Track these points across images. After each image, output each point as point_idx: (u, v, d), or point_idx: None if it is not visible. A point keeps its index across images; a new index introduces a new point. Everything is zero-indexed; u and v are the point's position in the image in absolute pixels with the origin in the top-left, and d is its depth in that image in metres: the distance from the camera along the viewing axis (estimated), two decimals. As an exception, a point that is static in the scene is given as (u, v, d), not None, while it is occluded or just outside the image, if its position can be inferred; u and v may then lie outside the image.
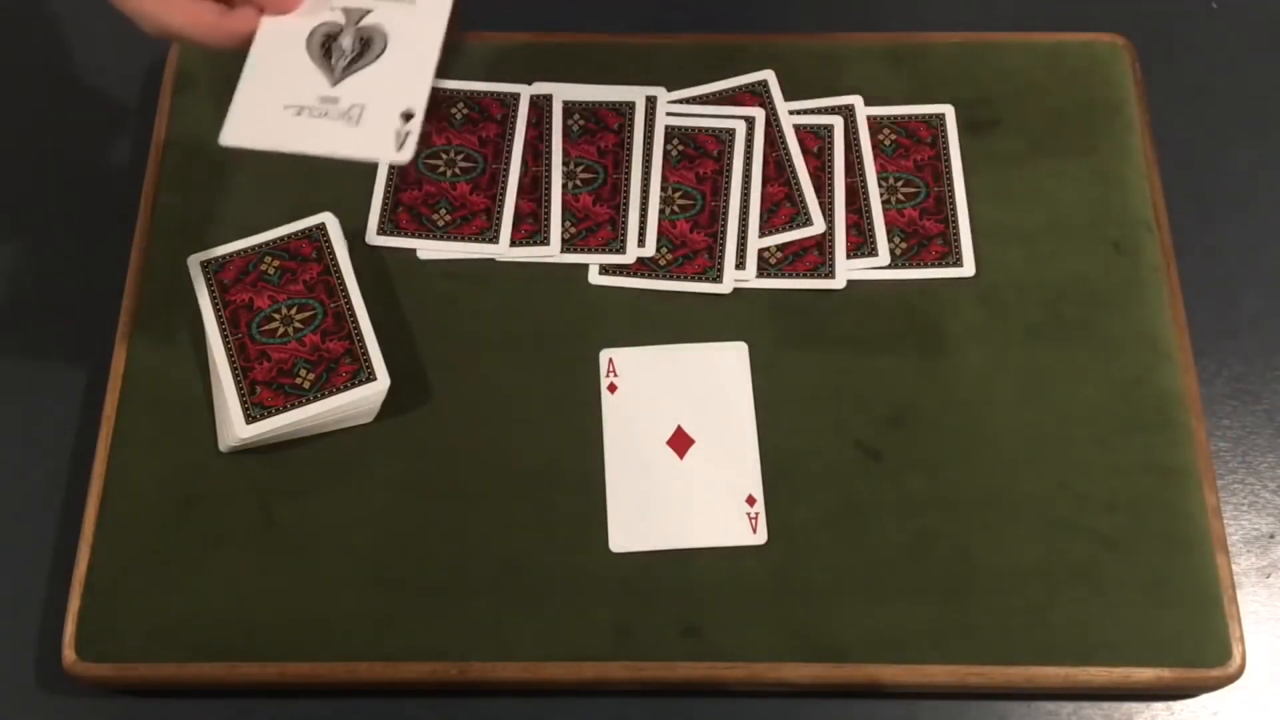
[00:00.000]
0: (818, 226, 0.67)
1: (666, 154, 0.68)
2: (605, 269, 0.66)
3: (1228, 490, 0.64)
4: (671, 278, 0.66)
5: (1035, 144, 0.69)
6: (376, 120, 0.53)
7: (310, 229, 0.65)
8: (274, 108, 0.53)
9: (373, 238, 0.66)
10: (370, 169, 0.68)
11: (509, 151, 0.68)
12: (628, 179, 0.68)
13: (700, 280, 0.66)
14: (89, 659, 0.58)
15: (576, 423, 0.62)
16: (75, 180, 0.71)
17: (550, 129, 0.69)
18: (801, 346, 0.64)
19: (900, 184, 0.68)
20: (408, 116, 0.52)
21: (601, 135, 0.69)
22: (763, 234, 0.66)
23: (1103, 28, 0.72)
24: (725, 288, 0.65)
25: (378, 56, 0.54)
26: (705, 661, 0.58)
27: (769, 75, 0.70)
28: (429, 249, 0.66)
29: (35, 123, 0.73)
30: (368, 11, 0.55)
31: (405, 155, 0.52)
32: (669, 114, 0.69)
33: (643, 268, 0.66)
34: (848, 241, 0.66)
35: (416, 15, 0.55)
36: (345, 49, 0.54)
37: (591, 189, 0.68)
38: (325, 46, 0.54)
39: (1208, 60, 0.75)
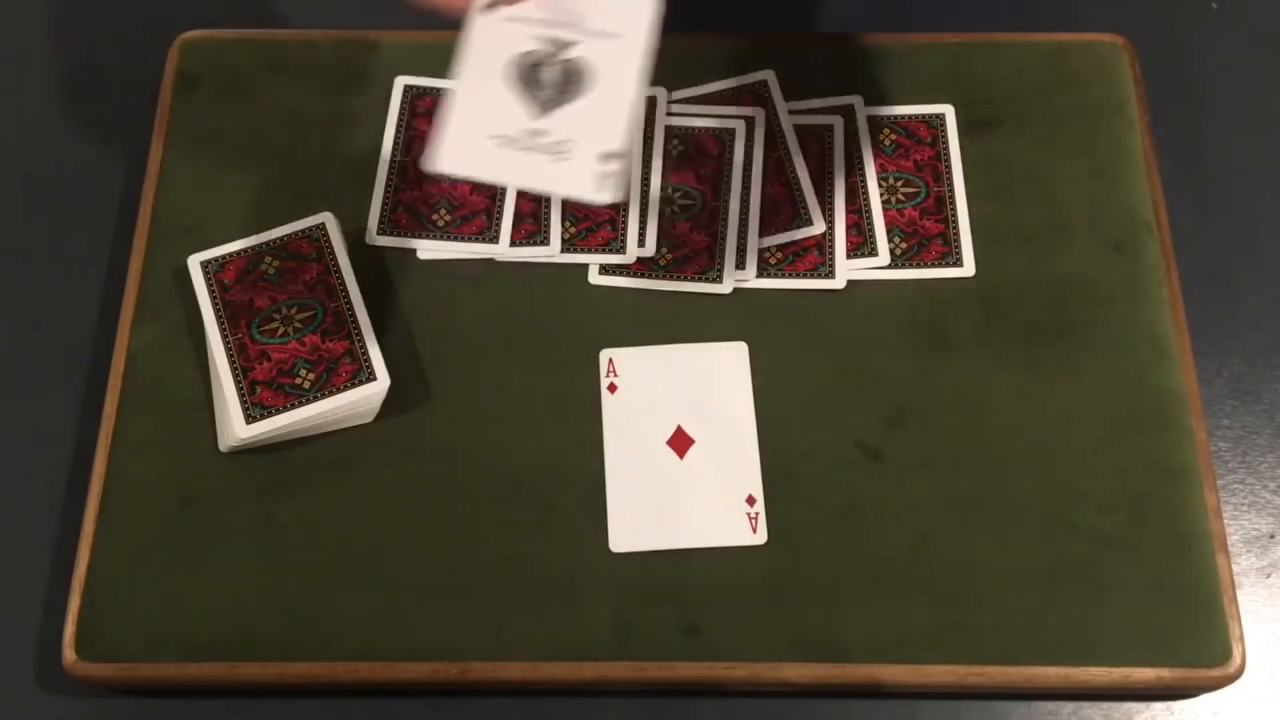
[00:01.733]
0: (818, 226, 0.67)
1: (666, 154, 0.68)
2: (605, 269, 0.66)
3: (1228, 490, 0.64)
4: (671, 278, 0.66)
5: (1035, 144, 0.69)
6: (582, 158, 0.53)
7: (310, 229, 0.65)
8: (480, 137, 0.53)
9: (373, 238, 0.66)
10: (369, 171, 0.68)
11: None
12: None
13: (700, 280, 0.66)
14: (89, 659, 0.58)
15: (576, 423, 0.62)
16: (75, 180, 0.71)
17: (550, 129, 0.69)
18: (801, 346, 0.64)
19: (900, 184, 0.68)
20: (609, 156, 0.53)
21: (602, 135, 0.69)
22: (763, 234, 0.67)
23: (1103, 28, 0.72)
24: (725, 288, 0.65)
25: (585, 91, 0.54)
26: (705, 661, 0.58)
27: (769, 75, 0.70)
28: (429, 249, 0.66)
29: (35, 122, 0.73)
30: (573, 43, 0.55)
31: (606, 197, 0.52)
32: (669, 114, 0.69)
33: (643, 268, 0.66)
34: (848, 241, 0.66)
35: (619, 49, 0.54)
36: (551, 81, 0.54)
37: (592, 189, 0.68)
38: (530, 77, 0.54)
39: (1208, 60, 0.75)
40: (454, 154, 0.54)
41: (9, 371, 0.66)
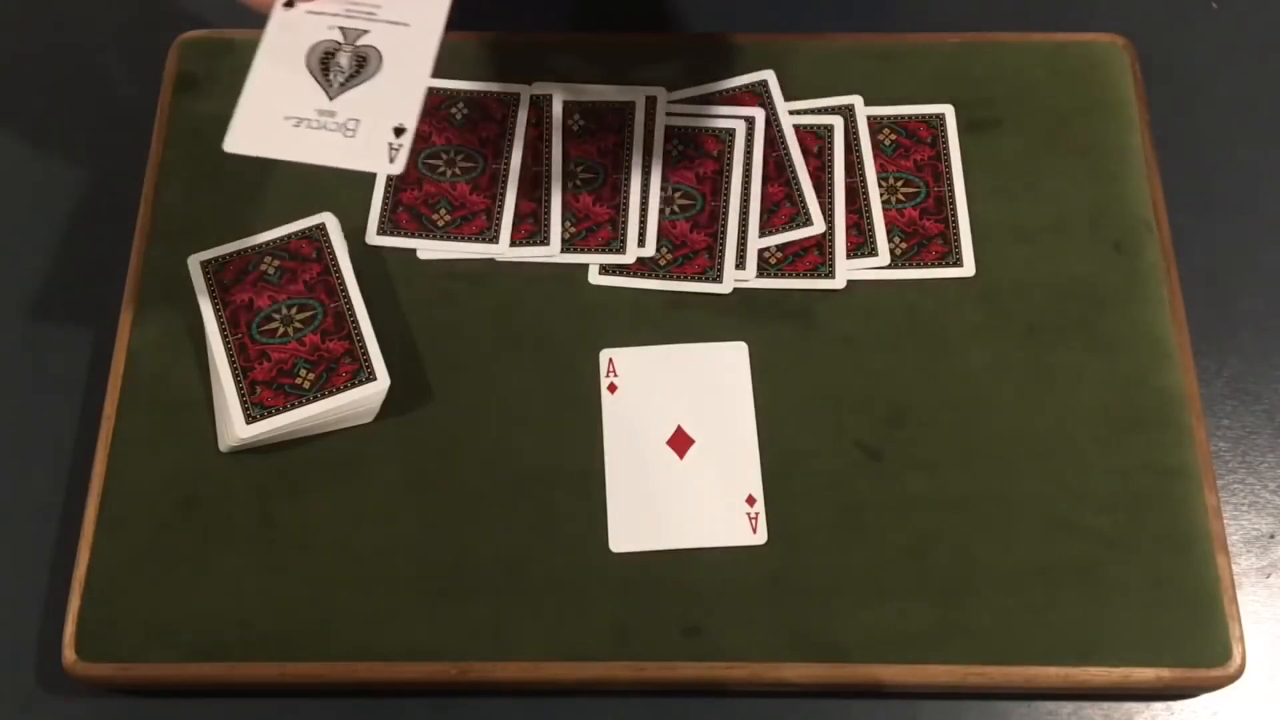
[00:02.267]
0: (818, 226, 0.67)
1: (666, 154, 0.68)
2: (605, 269, 0.66)
3: (1228, 490, 0.64)
4: (671, 278, 0.66)
5: (1035, 144, 0.69)
6: (370, 134, 0.55)
7: (310, 229, 0.65)
8: (275, 118, 0.56)
9: (373, 238, 0.66)
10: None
11: (509, 151, 0.68)
12: (628, 179, 0.68)
13: (700, 280, 0.66)
14: (89, 659, 0.58)
15: (576, 423, 0.62)
16: (75, 180, 0.71)
17: (550, 129, 0.69)
18: (801, 346, 0.64)
19: (900, 184, 0.68)
20: (399, 131, 0.55)
21: (601, 135, 0.69)
22: (763, 234, 0.67)
23: (1103, 28, 0.72)
24: (725, 288, 0.65)
25: (373, 74, 0.56)
26: (705, 661, 0.58)
27: (769, 75, 0.70)
28: (429, 249, 0.66)
29: (35, 122, 0.73)
30: (364, 31, 0.57)
31: (396, 168, 0.55)
32: (669, 114, 0.69)
33: (643, 268, 0.66)
34: (848, 241, 0.66)
35: (410, 36, 0.57)
36: (343, 66, 0.57)
37: (591, 189, 0.68)
38: (324, 63, 0.57)
39: (1208, 60, 0.75)
40: (249, 134, 0.56)
41: (9, 371, 0.66)
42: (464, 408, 0.63)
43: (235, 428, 0.60)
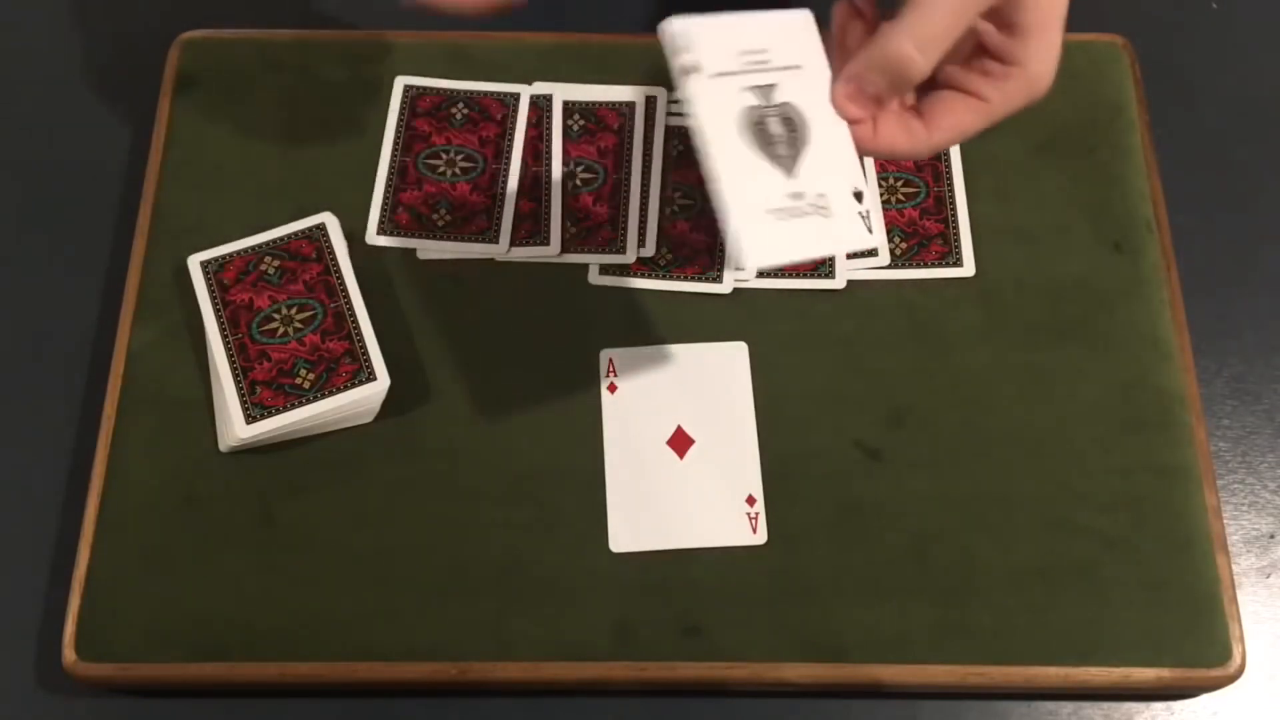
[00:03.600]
0: (818, 226, 0.67)
1: (666, 154, 0.68)
2: (605, 269, 0.66)
3: (1228, 490, 0.64)
4: (671, 278, 0.66)
5: (1035, 144, 0.69)
6: (840, 206, 0.49)
7: (310, 229, 0.65)
8: (759, 214, 0.48)
9: (373, 238, 0.66)
10: (369, 171, 0.68)
11: (509, 151, 0.68)
12: (628, 179, 0.68)
13: (700, 280, 0.66)
14: (89, 659, 0.58)
15: (576, 423, 0.62)
16: (75, 180, 0.71)
17: (550, 129, 0.69)
18: (801, 346, 0.64)
19: (900, 184, 0.68)
20: (859, 196, 0.50)
21: (601, 135, 0.69)
22: (763, 234, 0.66)
23: (1103, 28, 0.72)
24: (725, 288, 0.65)
25: (807, 137, 0.50)
26: (705, 661, 0.58)
27: (769, 75, 0.70)
28: (429, 249, 0.66)
29: (35, 122, 0.73)
30: (773, 85, 0.50)
31: (875, 240, 0.51)
32: (669, 114, 0.69)
33: (643, 268, 0.66)
34: (848, 241, 0.66)
35: (811, 79, 0.50)
36: (779, 135, 0.49)
37: (591, 189, 0.68)
38: (761, 134, 0.49)
39: (1208, 60, 0.75)
40: (762, 248, 0.48)
41: (9, 371, 0.66)
42: (464, 408, 0.63)
43: (235, 428, 0.60)
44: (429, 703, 0.59)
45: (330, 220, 0.66)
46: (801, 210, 0.48)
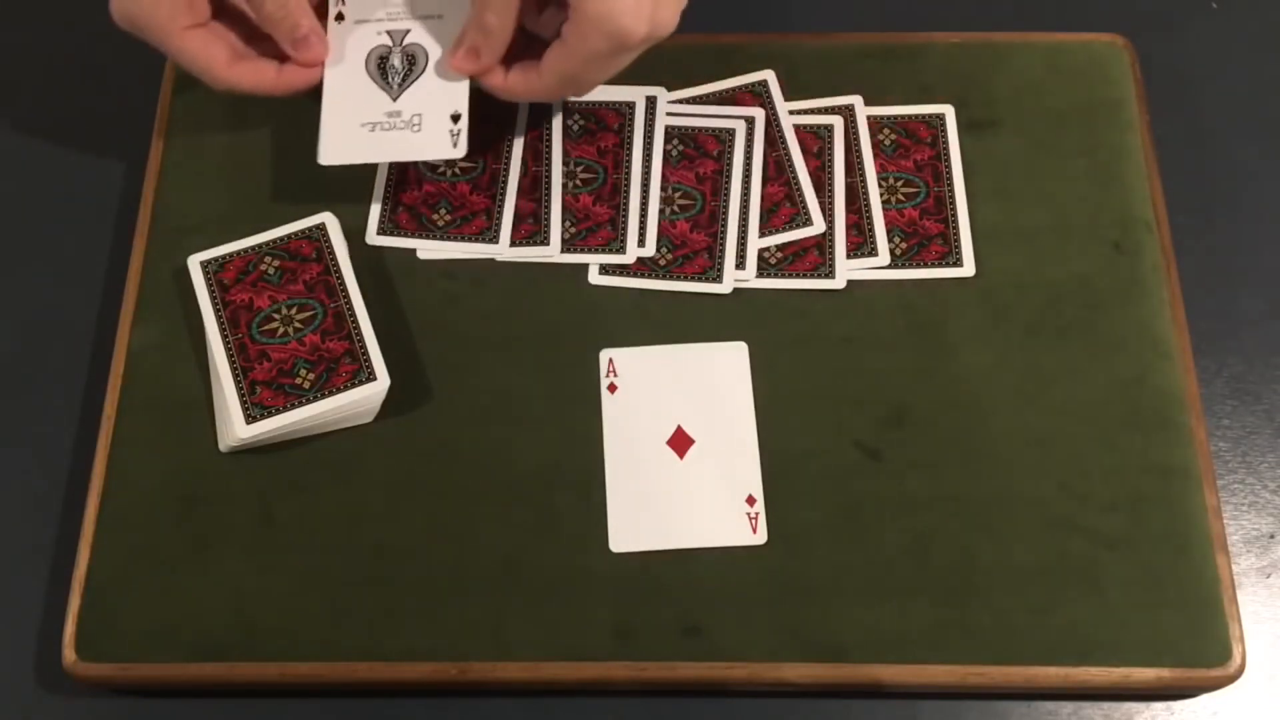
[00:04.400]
0: (818, 226, 0.67)
1: (666, 154, 0.68)
2: (605, 269, 0.66)
3: (1228, 490, 0.64)
4: (671, 278, 0.66)
5: (1035, 144, 0.69)
6: (433, 125, 0.62)
7: (310, 229, 0.65)
8: (353, 127, 0.63)
9: (373, 238, 0.66)
10: (369, 171, 0.68)
11: (509, 151, 0.68)
12: (628, 179, 0.68)
13: (700, 280, 0.66)
14: (89, 659, 0.58)
15: (576, 423, 0.62)
16: (75, 180, 0.71)
17: (550, 129, 0.69)
18: (801, 346, 0.64)
19: (900, 184, 0.68)
20: (456, 118, 0.62)
21: (601, 135, 0.69)
22: (763, 234, 0.67)
23: (1103, 28, 0.72)
24: (725, 288, 0.65)
25: (423, 70, 0.63)
26: (705, 661, 0.58)
27: (769, 75, 0.70)
28: (429, 249, 0.66)
29: (35, 122, 0.73)
30: (407, 31, 0.64)
31: (460, 151, 0.62)
32: (669, 114, 0.69)
33: (643, 268, 0.66)
34: (848, 241, 0.66)
35: (445, 27, 0.63)
36: (397, 67, 0.63)
37: (591, 189, 0.68)
38: (381, 68, 0.63)
39: (1208, 60, 0.75)
40: (335, 146, 0.62)
41: (9, 371, 0.66)
42: (464, 408, 0.63)
43: (235, 428, 0.60)
44: (429, 703, 0.60)
45: (330, 220, 0.66)
46: (391, 125, 0.62)
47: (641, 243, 0.66)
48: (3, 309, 0.68)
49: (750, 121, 0.69)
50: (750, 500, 0.61)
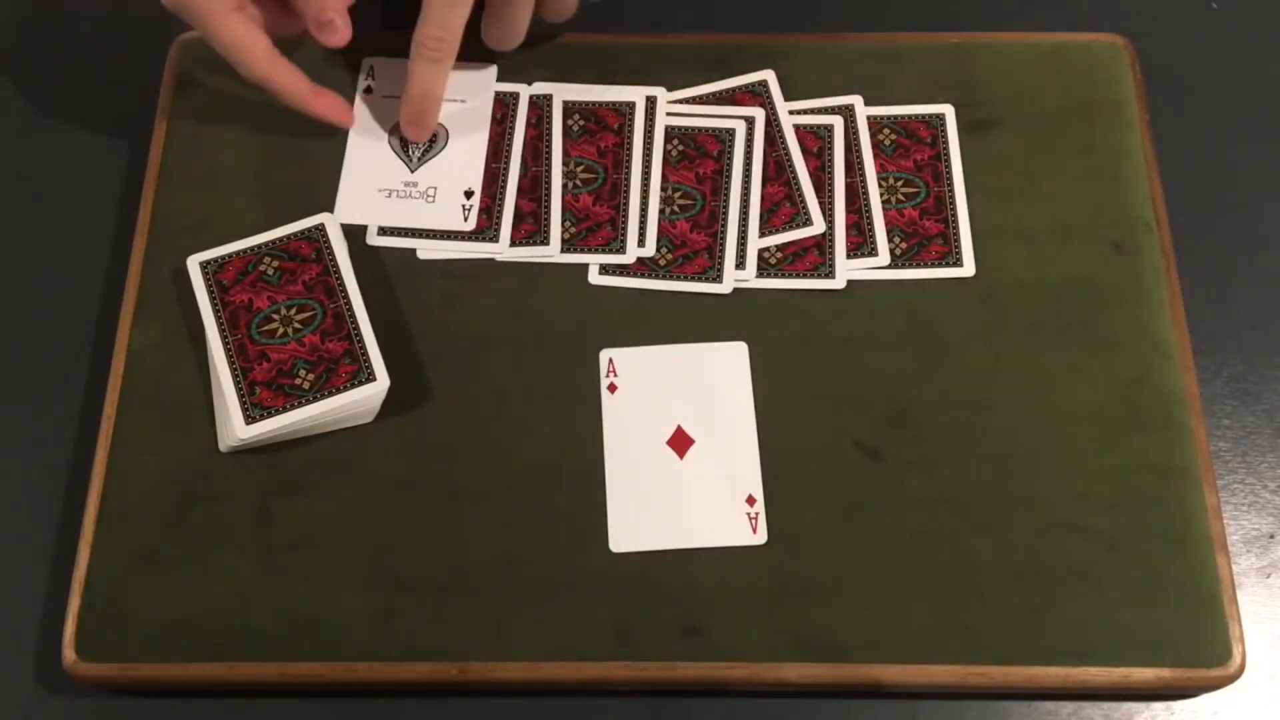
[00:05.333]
0: (818, 226, 0.67)
1: (666, 154, 0.68)
2: (605, 269, 0.66)
3: (1228, 490, 0.64)
4: (671, 278, 0.66)
5: (1035, 144, 0.69)
6: (446, 198, 0.67)
7: (310, 229, 0.65)
8: (370, 191, 0.67)
9: (373, 238, 0.66)
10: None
11: (509, 151, 0.68)
12: (628, 179, 0.68)
13: (700, 280, 0.66)
14: (89, 659, 0.58)
15: (576, 423, 0.62)
16: (75, 180, 0.71)
17: (550, 129, 0.69)
18: (801, 346, 0.64)
19: (900, 184, 0.68)
20: (469, 194, 0.67)
21: (601, 135, 0.69)
22: (763, 234, 0.67)
23: (1103, 28, 0.72)
24: (725, 288, 0.65)
25: (442, 148, 0.68)
26: (705, 661, 0.58)
27: (769, 75, 0.70)
28: (429, 249, 0.66)
29: (35, 122, 0.73)
30: None
31: (469, 225, 0.66)
32: (669, 114, 0.69)
33: (643, 268, 0.66)
34: (848, 241, 0.66)
35: (467, 111, 0.69)
36: (418, 143, 0.68)
37: (591, 189, 0.68)
38: (402, 141, 0.68)
39: (1208, 60, 0.75)
40: (352, 206, 0.67)
41: (9, 371, 0.66)
42: (464, 408, 0.63)
43: (235, 428, 0.60)
44: (429, 703, 0.60)
45: (330, 220, 0.66)
46: (409, 194, 0.67)
47: (641, 243, 0.66)
48: (3, 309, 0.68)
49: (750, 121, 0.69)
50: (750, 500, 0.61)
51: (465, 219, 0.66)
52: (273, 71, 0.64)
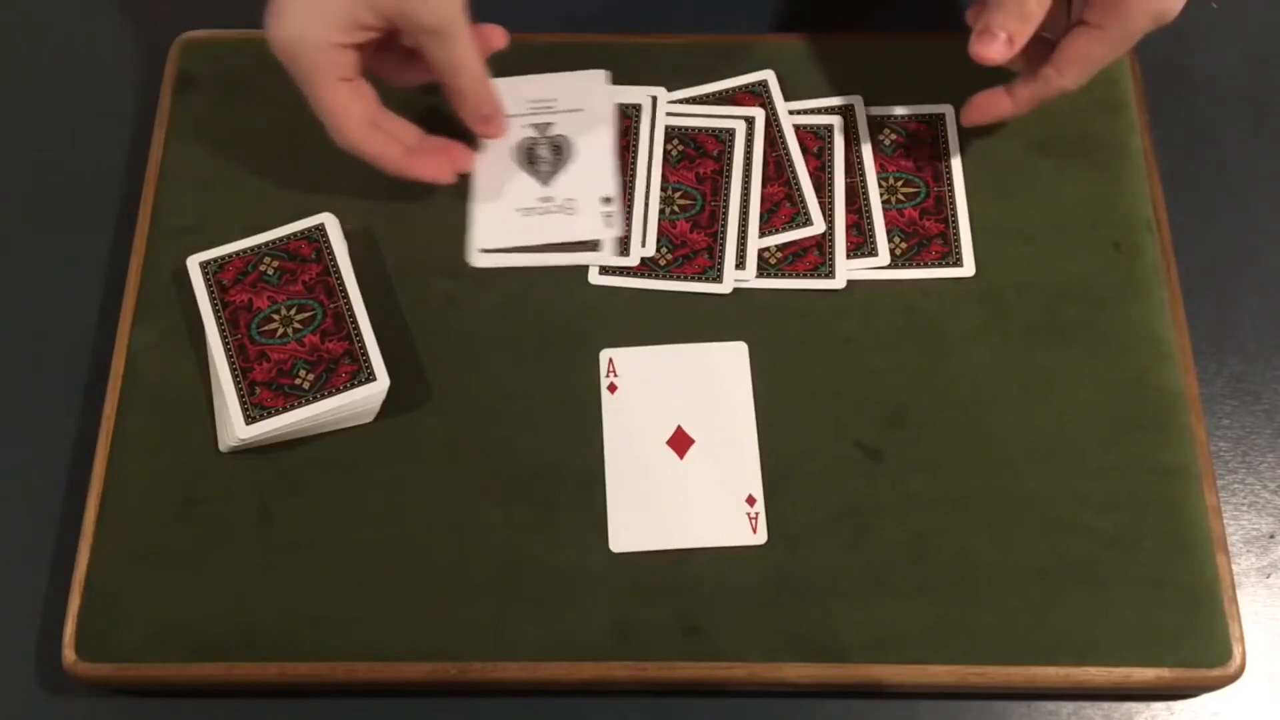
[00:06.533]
0: (818, 226, 0.67)
1: (666, 154, 0.68)
2: (605, 269, 0.66)
3: (1228, 490, 0.64)
4: (671, 278, 0.66)
5: (1035, 144, 0.69)
6: (586, 208, 0.66)
7: (310, 229, 0.65)
8: (506, 212, 0.66)
9: (476, 258, 0.66)
10: (370, 171, 0.68)
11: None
12: (631, 179, 0.68)
13: (700, 280, 0.66)
14: (89, 659, 0.58)
15: (576, 423, 0.62)
16: (75, 180, 0.71)
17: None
18: (801, 346, 0.64)
19: (900, 184, 0.68)
20: (607, 200, 0.66)
21: (602, 135, 0.69)
22: (763, 234, 0.67)
23: (1103, 28, 0.72)
24: (725, 288, 0.65)
25: (571, 158, 0.67)
26: (705, 661, 0.58)
27: (769, 75, 0.70)
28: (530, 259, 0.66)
29: (35, 122, 0.73)
30: (550, 124, 0.68)
31: (615, 230, 0.66)
32: (669, 114, 0.69)
33: (643, 268, 0.66)
34: (848, 241, 0.66)
35: (587, 118, 0.68)
36: (545, 156, 0.67)
37: (592, 189, 0.68)
38: (529, 158, 0.67)
39: (1208, 60, 0.75)
40: (490, 232, 0.66)
41: (9, 371, 0.66)
42: (464, 408, 0.63)
43: (235, 428, 0.60)
44: (429, 703, 0.60)
45: (330, 220, 0.66)
46: (547, 210, 0.66)
47: (642, 243, 0.66)
48: (3, 309, 0.68)
49: (750, 121, 0.69)
50: (750, 500, 0.61)
51: (608, 224, 0.66)
52: (365, 143, 0.62)
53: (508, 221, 0.66)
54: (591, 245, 0.66)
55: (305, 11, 0.58)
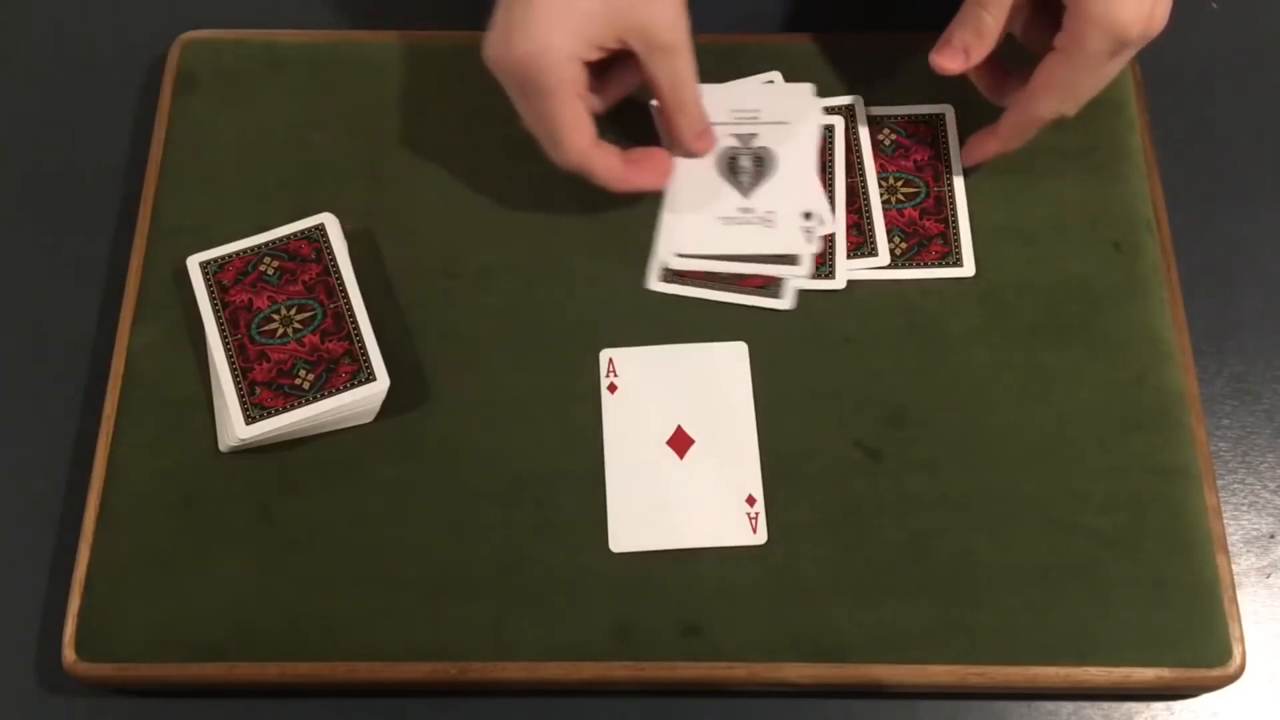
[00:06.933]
0: (828, 226, 0.67)
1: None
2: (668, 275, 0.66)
3: (1228, 490, 0.64)
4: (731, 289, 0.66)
5: (1035, 144, 0.69)
6: (786, 222, 0.65)
7: (310, 229, 0.65)
8: (704, 220, 0.66)
9: (654, 284, 0.65)
10: (370, 171, 0.68)
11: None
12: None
13: (759, 294, 0.66)
14: (89, 659, 0.58)
15: (576, 423, 0.62)
16: (75, 180, 0.71)
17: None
18: (801, 346, 0.64)
19: (900, 184, 0.68)
20: (808, 215, 0.65)
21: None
22: (763, 234, 0.67)
23: (1103, 28, 0.72)
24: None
25: (774, 170, 0.66)
26: (705, 661, 0.58)
27: (776, 77, 0.70)
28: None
29: (35, 122, 0.73)
30: (754, 135, 0.67)
31: (815, 247, 0.65)
32: (669, 114, 0.69)
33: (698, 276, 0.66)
34: (848, 241, 0.66)
35: (791, 131, 0.67)
36: (747, 167, 0.66)
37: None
38: (730, 167, 0.66)
39: (1208, 60, 0.75)
40: (684, 237, 0.66)
41: (9, 371, 0.66)
42: (464, 408, 0.63)
43: (235, 428, 0.60)
44: (429, 703, 0.60)
45: (330, 220, 0.66)
46: (747, 220, 0.65)
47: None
48: (3, 309, 0.68)
49: (750, 121, 0.69)
50: (750, 500, 0.61)
51: (809, 240, 0.65)
52: (591, 157, 0.62)
53: (707, 229, 0.65)
54: (790, 259, 0.65)
55: (549, 27, 0.58)
